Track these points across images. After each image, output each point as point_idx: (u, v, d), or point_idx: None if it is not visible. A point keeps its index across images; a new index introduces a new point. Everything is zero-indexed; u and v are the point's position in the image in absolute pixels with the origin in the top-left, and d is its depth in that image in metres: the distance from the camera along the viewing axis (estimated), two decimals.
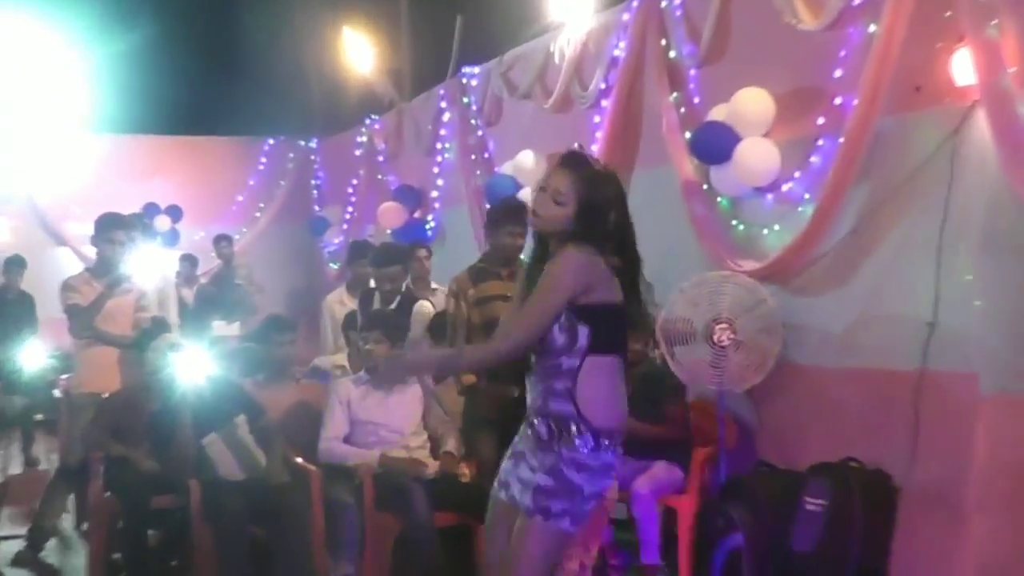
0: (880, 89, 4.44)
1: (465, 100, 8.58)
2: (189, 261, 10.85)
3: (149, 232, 9.21)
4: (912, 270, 4.46)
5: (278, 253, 12.24)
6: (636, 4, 6.28)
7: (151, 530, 5.16)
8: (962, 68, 4.13)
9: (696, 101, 5.82)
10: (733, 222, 5.53)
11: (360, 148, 10.91)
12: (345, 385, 5.27)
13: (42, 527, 5.90)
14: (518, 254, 5.13)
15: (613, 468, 3.13)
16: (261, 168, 12.67)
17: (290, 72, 12.00)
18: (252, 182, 12.60)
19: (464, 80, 8.59)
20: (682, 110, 5.88)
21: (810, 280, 5.03)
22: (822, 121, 4.90)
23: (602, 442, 3.05)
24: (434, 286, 7.11)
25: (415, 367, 4.09)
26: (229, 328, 9.95)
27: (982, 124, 4.08)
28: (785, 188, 5.17)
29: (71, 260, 10.66)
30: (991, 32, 3.91)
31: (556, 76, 7.12)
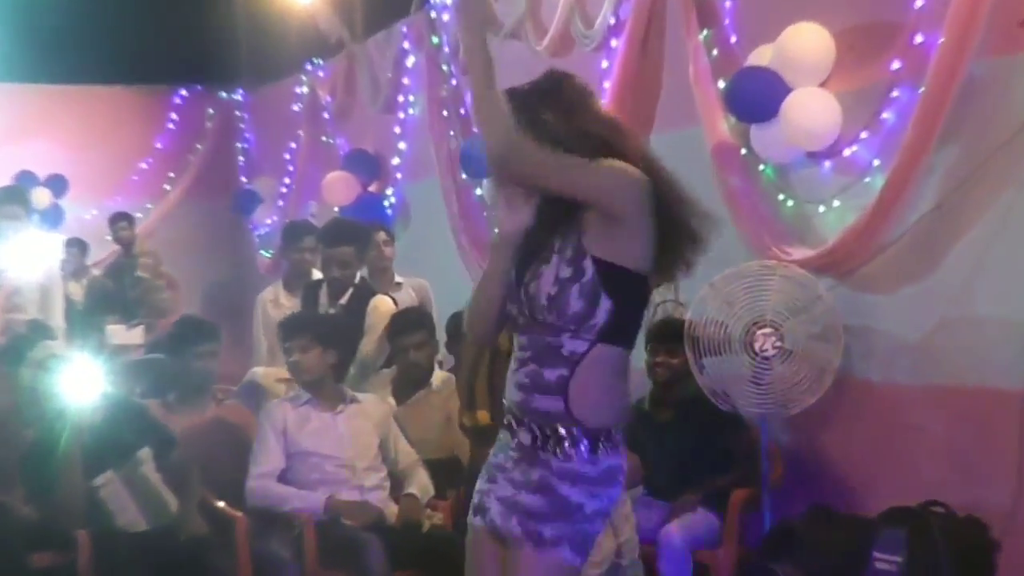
0: (974, 24, 4.42)
1: (435, 40, 8.56)
2: (77, 247, 10.81)
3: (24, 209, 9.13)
4: (1014, 259, 4.46)
5: (194, 237, 12.19)
6: None
7: None
8: None
9: (733, 41, 5.83)
10: (780, 197, 5.54)
11: (299, 102, 10.89)
12: (280, 407, 5.27)
13: None
14: None
15: (619, 471, 3.08)
16: (171, 127, 12.65)
17: (209, 1, 11.92)
18: (159, 145, 12.58)
19: (433, 14, 8.56)
20: (715, 53, 5.88)
21: (880, 272, 5.04)
22: (897, 66, 4.90)
23: (600, 443, 3.01)
24: (398, 279, 7.11)
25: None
26: (130, 334, 9.85)
27: None
28: (847, 153, 5.18)
29: None
30: None
31: (553, 10, 7.10)
